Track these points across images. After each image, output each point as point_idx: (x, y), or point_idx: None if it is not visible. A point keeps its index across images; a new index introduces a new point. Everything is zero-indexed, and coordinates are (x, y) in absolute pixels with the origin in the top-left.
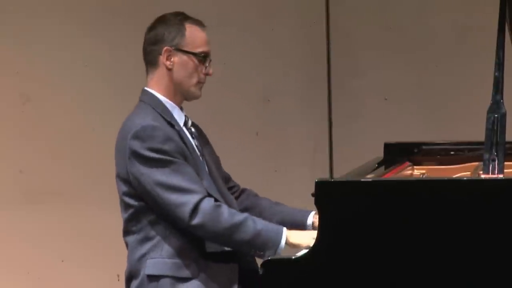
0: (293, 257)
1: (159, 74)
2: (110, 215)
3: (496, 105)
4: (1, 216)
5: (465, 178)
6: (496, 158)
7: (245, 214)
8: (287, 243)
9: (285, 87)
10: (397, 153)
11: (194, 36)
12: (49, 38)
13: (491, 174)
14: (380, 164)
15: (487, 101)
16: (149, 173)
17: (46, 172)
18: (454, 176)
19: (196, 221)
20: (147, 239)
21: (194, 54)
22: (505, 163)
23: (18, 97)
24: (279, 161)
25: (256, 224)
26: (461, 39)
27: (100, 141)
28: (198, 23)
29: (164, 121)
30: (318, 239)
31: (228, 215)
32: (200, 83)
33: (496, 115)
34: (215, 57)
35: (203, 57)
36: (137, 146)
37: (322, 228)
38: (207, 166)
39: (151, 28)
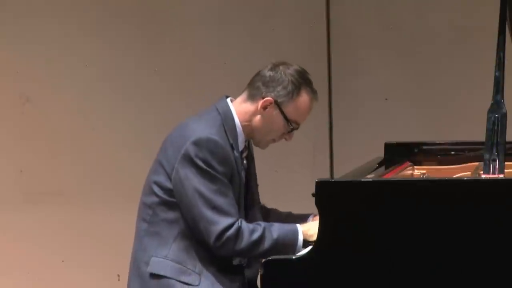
0: (293, 257)
1: (249, 108)
2: (110, 215)
3: (496, 105)
4: (1, 216)
5: (465, 178)
6: (497, 158)
7: (262, 227)
8: (305, 238)
9: None
10: (397, 153)
11: (301, 107)
12: (49, 38)
13: (492, 174)
14: (380, 164)
15: (488, 101)
16: (195, 182)
17: (46, 172)
18: (454, 176)
19: (219, 244)
20: (156, 234)
21: (288, 120)
22: (506, 163)
23: (18, 97)
24: (279, 161)
25: (272, 234)
26: (461, 39)
27: (100, 141)
28: (314, 96)
29: (227, 140)
30: (319, 239)
31: (248, 234)
32: (273, 141)
33: (496, 115)
34: (215, 57)
35: (292, 127)
36: (194, 152)
37: (322, 228)
38: (245, 200)
39: (274, 68)
